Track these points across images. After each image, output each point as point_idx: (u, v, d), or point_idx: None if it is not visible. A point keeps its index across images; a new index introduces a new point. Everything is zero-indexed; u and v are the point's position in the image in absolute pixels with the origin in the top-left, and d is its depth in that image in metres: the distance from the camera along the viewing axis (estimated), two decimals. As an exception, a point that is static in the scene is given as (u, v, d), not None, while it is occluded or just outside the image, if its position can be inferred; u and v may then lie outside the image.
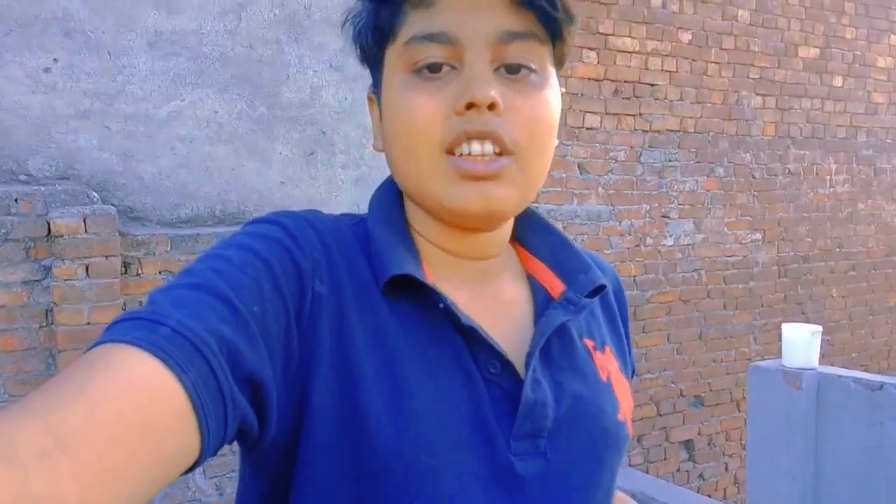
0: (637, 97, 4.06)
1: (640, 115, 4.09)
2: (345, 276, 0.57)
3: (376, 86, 0.63)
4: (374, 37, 0.60)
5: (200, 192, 3.02)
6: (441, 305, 0.56)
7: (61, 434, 0.36)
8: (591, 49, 3.89)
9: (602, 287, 0.65)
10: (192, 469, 0.44)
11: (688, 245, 4.29)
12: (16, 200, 2.63)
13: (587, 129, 3.92)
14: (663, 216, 4.20)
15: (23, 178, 2.73)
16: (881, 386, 2.58)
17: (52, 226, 2.63)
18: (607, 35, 3.94)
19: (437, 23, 0.55)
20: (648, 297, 4.14)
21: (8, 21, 2.67)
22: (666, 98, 4.16)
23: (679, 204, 4.26)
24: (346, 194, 3.35)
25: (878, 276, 5.15)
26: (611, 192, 4.03)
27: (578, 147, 3.90)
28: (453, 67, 0.56)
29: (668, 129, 4.19)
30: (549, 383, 0.60)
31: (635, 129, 4.07)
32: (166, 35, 2.92)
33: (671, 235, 4.24)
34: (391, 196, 0.65)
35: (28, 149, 2.73)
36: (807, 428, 2.75)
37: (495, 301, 0.64)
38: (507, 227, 0.66)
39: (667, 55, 4.14)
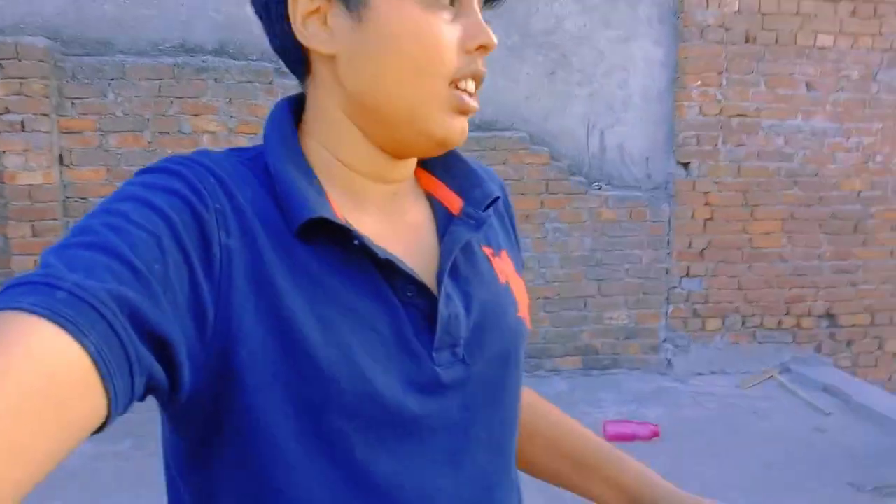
0: (879, 16, 4.07)
1: (881, 34, 4.09)
2: (254, 221, 0.55)
3: None
4: None
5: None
6: (356, 242, 0.56)
7: None
8: (827, -31, 3.97)
9: (497, 199, 0.69)
10: (101, 429, 0.44)
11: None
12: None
13: (819, 48, 4.06)
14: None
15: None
16: None
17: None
18: (848, -46, 3.97)
19: None
20: (872, 213, 4.24)
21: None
22: (912, 16, 4.09)
23: (919, 124, 4.20)
24: (579, 107, 3.96)
25: None
26: (839, 109, 4.14)
27: (807, 66, 4.06)
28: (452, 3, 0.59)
29: (910, 48, 4.12)
30: (460, 296, 0.63)
31: (872, 48, 4.10)
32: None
33: (907, 155, 4.22)
34: (288, 127, 0.63)
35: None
36: None
37: (404, 224, 0.65)
38: None
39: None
